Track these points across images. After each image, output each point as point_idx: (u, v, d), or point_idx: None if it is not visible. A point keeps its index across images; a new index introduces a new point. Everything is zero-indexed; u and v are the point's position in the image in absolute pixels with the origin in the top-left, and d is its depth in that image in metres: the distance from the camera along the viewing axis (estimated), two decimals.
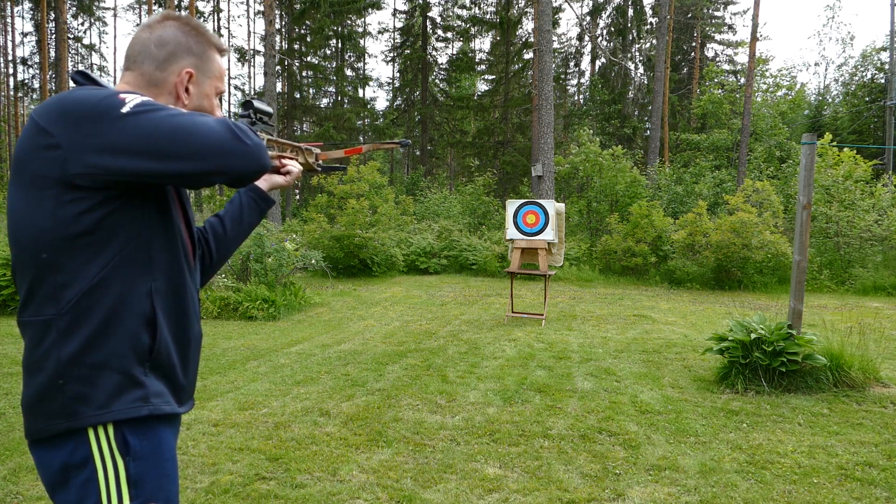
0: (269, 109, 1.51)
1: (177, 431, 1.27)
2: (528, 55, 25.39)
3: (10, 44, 31.58)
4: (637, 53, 29.98)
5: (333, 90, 28.52)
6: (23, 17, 33.13)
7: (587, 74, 33.46)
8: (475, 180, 20.78)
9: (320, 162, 1.69)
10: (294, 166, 1.56)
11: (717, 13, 31.24)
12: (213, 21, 36.05)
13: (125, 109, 1.07)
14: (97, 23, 37.11)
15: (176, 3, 26.66)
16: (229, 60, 51.25)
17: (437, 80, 30.43)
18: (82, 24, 35.16)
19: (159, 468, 1.18)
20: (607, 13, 29.99)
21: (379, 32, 43.33)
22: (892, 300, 10.54)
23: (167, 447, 1.20)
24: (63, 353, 1.11)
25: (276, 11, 23.28)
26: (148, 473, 1.15)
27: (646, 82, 29.14)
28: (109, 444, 1.12)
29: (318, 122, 27.47)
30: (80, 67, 35.03)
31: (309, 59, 27.11)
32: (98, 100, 1.09)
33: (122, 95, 1.10)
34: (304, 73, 27.39)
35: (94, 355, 1.13)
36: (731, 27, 31.54)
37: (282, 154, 1.53)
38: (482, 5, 28.81)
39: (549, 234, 7.66)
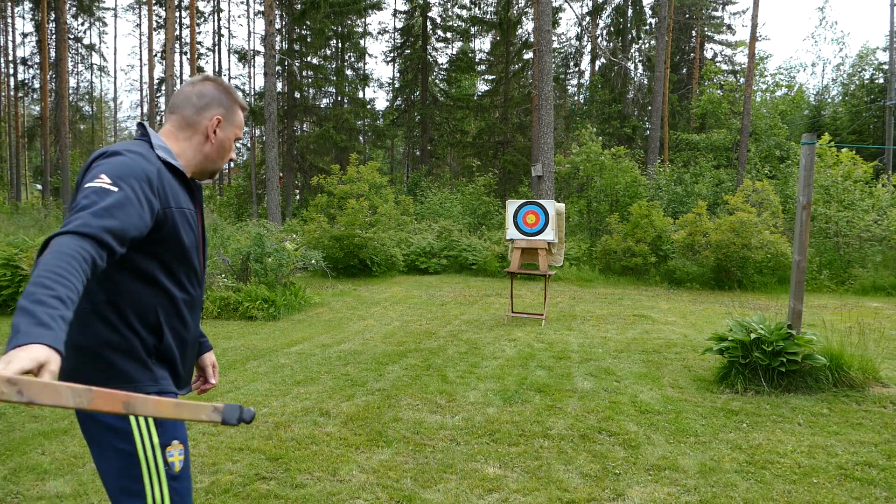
0: None
1: None
2: (528, 55, 25.39)
3: (10, 44, 31.60)
4: (637, 53, 29.98)
5: (333, 90, 28.50)
6: (23, 18, 33.15)
7: (587, 74, 33.47)
8: (475, 180, 20.78)
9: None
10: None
11: (715, 13, 31.26)
12: (214, 21, 36.05)
13: (88, 184, 1.33)
14: (97, 23, 37.15)
15: (176, 2, 26.66)
16: (230, 60, 51.31)
17: (437, 81, 30.41)
18: (82, 24, 35.16)
19: None
20: (607, 13, 29.99)
21: (379, 33, 43.32)
22: (892, 300, 10.54)
23: None
24: (97, 338, 1.44)
25: (277, 12, 23.27)
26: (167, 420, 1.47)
27: (645, 82, 29.14)
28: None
29: (318, 122, 27.47)
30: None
31: (309, 59, 27.09)
32: (95, 169, 1.38)
33: (104, 176, 1.34)
34: (304, 74, 27.37)
35: (119, 344, 1.45)
36: (729, 27, 31.58)
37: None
38: (482, 5, 28.81)
39: (549, 235, 7.66)
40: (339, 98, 28.58)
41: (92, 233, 1.20)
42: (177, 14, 30.01)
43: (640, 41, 29.24)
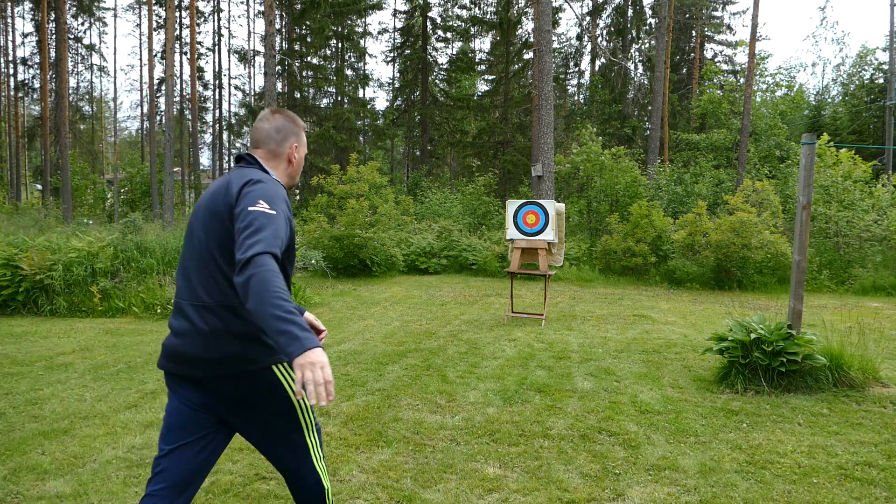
0: None
1: None
2: (528, 55, 25.39)
3: (10, 44, 31.59)
4: (637, 54, 29.97)
5: (333, 90, 28.49)
6: (23, 18, 33.16)
7: (587, 74, 33.47)
8: (476, 180, 20.78)
9: None
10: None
11: (715, 13, 31.26)
12: (214, 21, 36.02)
13: (251, 207, 1.71)
14: (97, 23, 37.12)
15: (176, 2, 26.66)
16: (230, 60, 51.32)
17: (437, 81, 30.40)
18: (82, 24, 35.14)
19: None
20: (607, 13, 29.98)
21: (379, 33, 43.42)
22: (892, 300, 10.54)
23: None
24: (253, 326, 1.79)
25: (277, 12, 23.27)
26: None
27: (645, 82, 29.13)
28: (286, 367, 1.89)
29: (318, 122, 27.46)
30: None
31: (309, 59, 27.09)
32: (250, 195, 1.78)
33: (261, 201, 1.74)
34: (304, 74, 27.37)
35: (254, 328, 1.81)
36: (729, 27, 31.59)
37: None
38: (482, 5, 28.80)
39: (549, 235, 7.66)
40: (339, 98, 28.58)
41: (276, 252, 1.61)
42: (177, 14, 30.00)
43: (640, 41, 29.23)
